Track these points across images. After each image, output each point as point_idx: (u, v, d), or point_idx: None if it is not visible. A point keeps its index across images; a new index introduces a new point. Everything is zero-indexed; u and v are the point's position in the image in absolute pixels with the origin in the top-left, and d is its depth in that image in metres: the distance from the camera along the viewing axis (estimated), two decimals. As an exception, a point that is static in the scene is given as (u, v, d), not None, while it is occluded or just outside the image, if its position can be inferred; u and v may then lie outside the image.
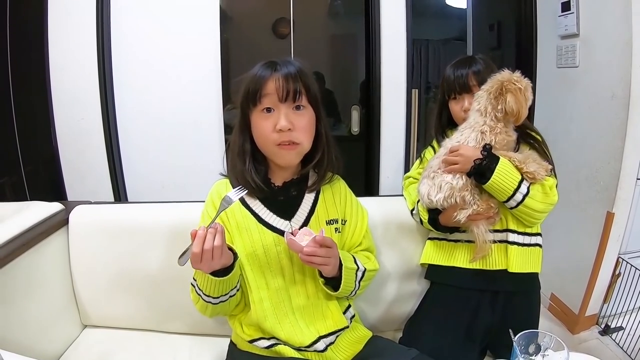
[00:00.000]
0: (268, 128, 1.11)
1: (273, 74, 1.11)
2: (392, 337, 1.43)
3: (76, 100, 2.18)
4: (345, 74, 2.59)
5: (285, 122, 1.09)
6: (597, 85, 2.09)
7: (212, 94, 2.28)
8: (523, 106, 1.26)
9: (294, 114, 1.12)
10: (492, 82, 1.29)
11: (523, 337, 0.92)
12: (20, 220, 1.39)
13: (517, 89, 1.25)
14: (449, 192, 1.28)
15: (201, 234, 0.98)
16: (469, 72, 1.39)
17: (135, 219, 1.48)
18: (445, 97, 1.46)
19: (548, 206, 1.28)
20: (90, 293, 1.49)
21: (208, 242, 0.97)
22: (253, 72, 1.13)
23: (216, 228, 0.99)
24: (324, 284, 1.19)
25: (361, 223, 1.31)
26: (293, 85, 1.10)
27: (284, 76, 1.10)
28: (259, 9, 2.41)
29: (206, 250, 0.97)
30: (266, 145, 1.15)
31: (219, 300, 1.14)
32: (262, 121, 1.12)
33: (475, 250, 1.32)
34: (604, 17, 2.03)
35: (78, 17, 2.13)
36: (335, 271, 1.15)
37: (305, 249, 1.06)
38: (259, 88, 1.10)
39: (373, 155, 2.44)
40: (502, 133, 1.28)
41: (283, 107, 1.11)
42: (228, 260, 1.06)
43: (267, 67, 1.12)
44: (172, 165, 2.32)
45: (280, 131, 1.10)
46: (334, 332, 1.21)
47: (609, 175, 2.04)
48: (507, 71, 1.29)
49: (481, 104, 1.29)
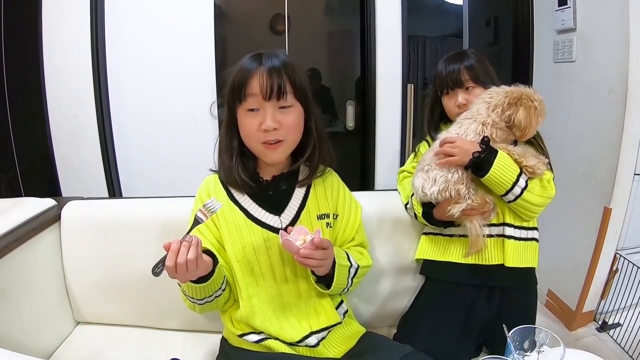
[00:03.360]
0: (253, 126, 1.10)
1: (257, 68, 1.08)
2: (386, 334, 1.42)
3: (71, 97, 2.17)
4: (341, 70, 2.58)
5: (270, 122, 1.08)
6: (594, 80, 2.08)
7: (207, 90, 2.27)
8: (532, 125, 1.25)
9: (279, 112, 1.10)
10: (514, 89, 1.28)
11: (517, 333, 0.90)
12: (12, 216, 1.38)
13: (532, 106, 1.25)
14: (444, 185, 1.26)
15: (174, 248, 0.94)
16: (461, 67, 1.39)
17: (128, 214, 1.47)
18: (438, 92, 1.45)
19: (546, 200, 1.28)
20: (82, 289, 1.48)
21: (182, 255, 0.94)
22: (239, 65, 1.12)
23: (190, 241, 0.96)
24: (316, 282, 1.18)
25: (354, 217, 1.30)
26: (277, 81, 1.08)
27: (268, 72, 1.08)
28: (254, 5, 2.41)
29: (180, 264, 0.94)
30: (252, 143, 1.14)
31: (204, 301, 1.13)
32: (248, 119, 1.11)
33: (469, 245, 1.31)
34: (601, 11, 2.02)
35: (72, 14, 2.11)
36: (328, 270, 1.14)
37: (301, 252, 1.04)
38: (243, 85, 1.08)
39: (368, 151, 2.43)
40: (503, 129, 1.28)
41: (268, 105, 1.09)
42: (204, 271, 1.03)
43: (252, 61, 1.10)
44: (166, 161, 2.32)
45: (266, 131, 1.09)
46: (326, 328, 1.20)
47: (606, 170, 2.04)
48: (532, 89, 1.29)
49: (493, 99, 1.29)
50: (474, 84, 1.38)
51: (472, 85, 1.38)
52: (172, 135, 2.29)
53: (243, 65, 1.11)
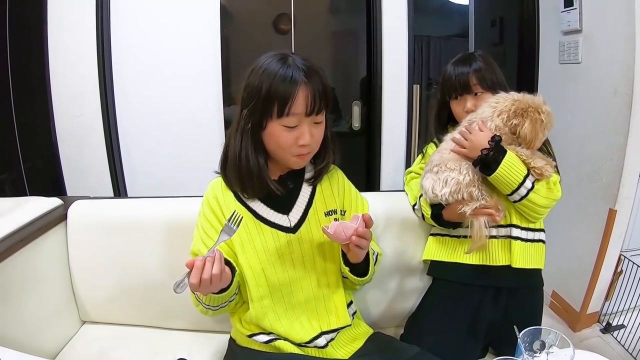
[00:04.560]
0: (289, 141, 1.08)
1: (303, 86, 1.04)
2: (393, 334, 1.42)
3: (76, 96, 2.18)
4: (346, 69, 2.58)
5: (309, 139, 1.08)
6: (600, 81, 2.08)
7: (212, 90, 2.27)
8: (538, 138, 1.24)
9: (314, 127, 1.11)
10: (522, 98, 1.27)
11: (527, 334, 0.90)
12: (18, 215, 1.38)
13: (538, 119, 1.23)
14: (456, 187, 1.26)
15: (199, 265, 0.94)
16: (469, 72, 1.37)
17: (134, 214, 1.47)
18: (446, 97, 1.44)
19: (551, 202, 1.27)
20: (88, 289, 1.48)
21: (207, 271, 0.94)
22: (275, 76, 1.04)
23: (214, 256, 0.96)
24: (350, 271, 1.18)
25: (361, 212, 1.29)
26: (319, 102, 1.07)
27: (312, 92, 1.05)
28: (260, 4, 2.41)
29: (204, 280, 0.94)
30: (284, 154, 1.12)
31: (218, 307, 1.14)
32: (283, 133, 1.08)
33: (472, 241, 1.29)
34: (607, 12, 2.02)
35: (78, 13, 2.11)
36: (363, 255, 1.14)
37: (359, 229, 1.03)
38: (288, 102, 1.03)
39: (374, 151, 2.43)
40: (507, 134, 1.27)
41: (306, 121, 1.08)
42: (226, 282, 1.03)
43: (292, 75, 1.04)
44: (172, 161, 2.32)
45: (303, 146, 1.09)
46: (336, 330, 1.20)
47: (611, 171, 2.03)
48: (541, 98, 1.27)
49: (500, 104, 1.27)
50: (483, 90, 1.37)
51: (481, 91, 1.37)
52: (177, 134, 2.29)
53: (280, 78, 1.04)
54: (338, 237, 1.04)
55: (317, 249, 1.19)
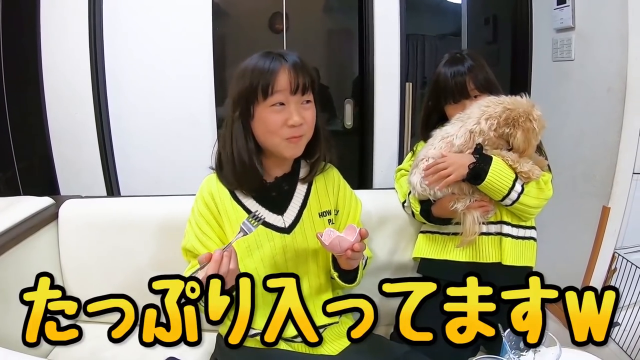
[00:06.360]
0: (277, 123, 1.09)
1: (283, 65, 1.08)
2: (383, 333, 1.41)
3: (69, 96, 2.18)
4: (339, 68, 2.59)
5: (298, 118, 1.09)
6: (593, 79, 2.07)
7: (206, 88, 2.27)
8: (532, 145, 1.24)
9: (302, 108, 1.11)
10: (513, 104, 1.24)
11: (513, 332, 0.90)
12: (9, 214, 1.38)
13: (530, 128, 1.22)
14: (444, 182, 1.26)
15: (217, 258, 0.95)
16: (466, 77, 1.35)
17: (126, 213, 1.47)
18: (442, 102, 1.42)
19: (542, 201, 1.28)
20: (80, 288, 1.47)
21: (224, 266, 0.95)
22: (256, 65, 1.09)
23: (231, 251, 0.98)
24: (339, 277, 1.18)
25: (354, 212, 1.30)
26: (302, 77, 1.09)
27: (293, 68, 1.08)
28: (253, 3, 2.41)
29: (222, 274, 0.94)
30: (273, 139, 1.12)
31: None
32: (272, 115, 1.09)
33: (462, 235, 1.29)
34: (600, 10, 2.02)
35: (70, 12, 2.11)
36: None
37: (356, 246, 1.03)
38: (270, 82, 1.07)
39: (367, 149, 2.44)
40: (492, 138, 1.26)
41: (293, 100, 1.09)
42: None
43: (271, 60, 1.09)
44: (165, 160, 2.32)
45: (293, 126, 1.09)
46: (323, 326, 1.20)
47: (605, 169, 2.03)
48: (530, 101, 1.25)
49: (490, 108, 1.26)
50: (480, 93, 1.36)
51: (478, 94, 1.36)
52: (170, 133, 2.29)
53: (262, 65, 1.09)
54: (333, 249, 1.05)
55: (310, 250, 1.20)
